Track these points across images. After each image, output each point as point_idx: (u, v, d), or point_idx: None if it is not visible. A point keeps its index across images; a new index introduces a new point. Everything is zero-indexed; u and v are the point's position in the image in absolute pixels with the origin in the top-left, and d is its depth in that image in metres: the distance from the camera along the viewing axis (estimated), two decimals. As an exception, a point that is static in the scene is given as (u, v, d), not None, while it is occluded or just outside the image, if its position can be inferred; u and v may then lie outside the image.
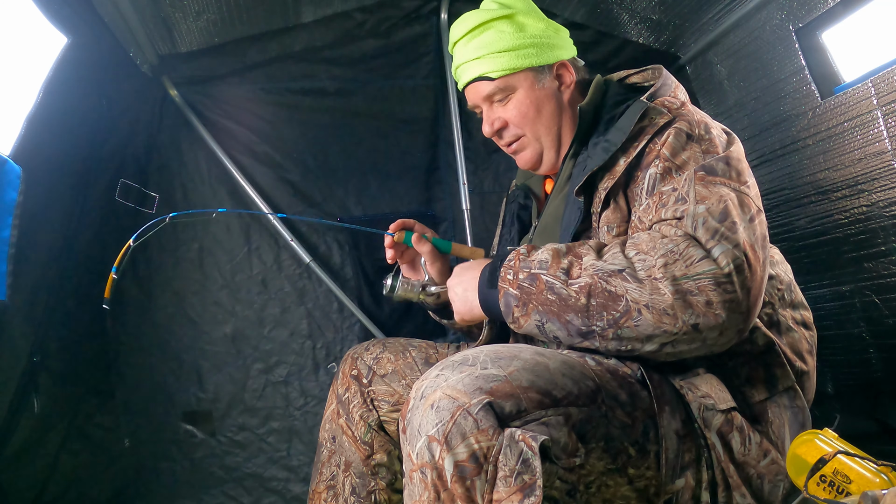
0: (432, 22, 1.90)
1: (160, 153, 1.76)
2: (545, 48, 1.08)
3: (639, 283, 0.77)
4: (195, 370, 1.78)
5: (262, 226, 1.87)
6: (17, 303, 1.27)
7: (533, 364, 0.76)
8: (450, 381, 0.71)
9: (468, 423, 0.67)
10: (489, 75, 1.06)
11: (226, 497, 1.75)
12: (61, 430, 1.50)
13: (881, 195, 1.41)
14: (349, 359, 1.21)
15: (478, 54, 1.06)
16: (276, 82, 1.84)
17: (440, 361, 0.79)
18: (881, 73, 1.35)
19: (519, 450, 0.67)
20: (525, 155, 1.11)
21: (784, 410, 0.91)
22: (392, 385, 1.16)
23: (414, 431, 0.71)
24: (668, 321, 0.76)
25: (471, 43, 1.07)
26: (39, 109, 1.28)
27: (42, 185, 1.31)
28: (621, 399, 0.80)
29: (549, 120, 1.08)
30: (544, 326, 0.84)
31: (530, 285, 0.85)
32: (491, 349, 0.79)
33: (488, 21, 1.06)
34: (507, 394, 0.71)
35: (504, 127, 1.09)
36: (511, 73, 1.06)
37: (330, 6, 1.75)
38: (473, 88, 1.09)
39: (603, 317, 0.79)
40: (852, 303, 1.54)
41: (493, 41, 1.05)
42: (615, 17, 1.86)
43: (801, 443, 1.01)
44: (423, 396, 0.72)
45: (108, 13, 1.43)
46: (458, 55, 1.10)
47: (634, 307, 0.77)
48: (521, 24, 1.07)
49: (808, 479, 0.90)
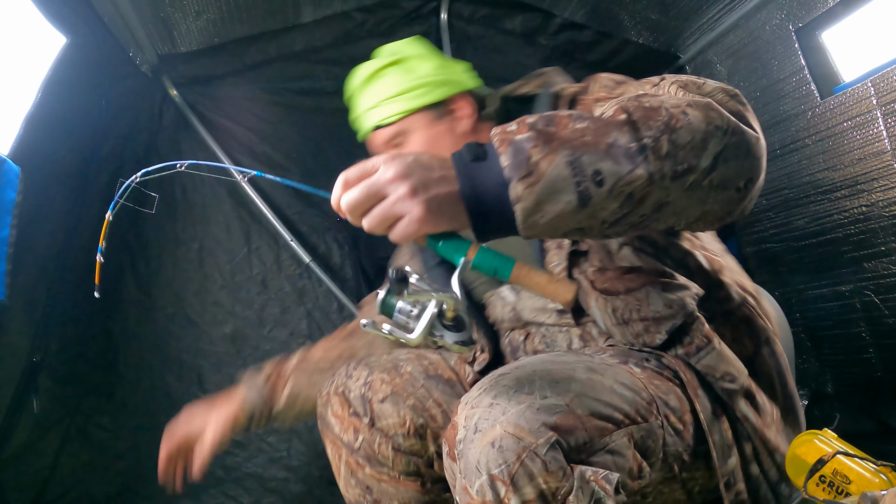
0: (432, 22, 1.90)
1: (160, 153, 1.76)
2: (436, 86, 1.07)
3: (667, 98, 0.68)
4: (195, 370, 1.77)
5: (261, 226, 1.87)
6: (17, 303, 1.27)
7: (590, 385, 0.72)
8: (509, 416, 0.65)
9: (536, 464, 0.63)
10: (383, 122, 1.06)
11: (225, 497, 1.74)
12: (61, 431, 1.50)
13: (881, 195, 1.41)
14: (336, 396, 0.99)
15: (371, 104, 1.07)
16: (276, 82, 1.84)
17: (484, 380, 0.73)
18: (881, 72, 1.35)
19: (591, 490, 0.64)
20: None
21: (768, 360, 0.93)
22: (397, 409, 0.96)
23: (471, 466, 0.66)
24: (714, 115, 0.66)
25: (364, 94, 1.09)
26: (38, 109, 1.28)
27: (41, 185, 1.31)
28: (672, 404, 0.80)
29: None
30: (580, 161, 0.61)
31: (547, 125, 0.63)
32: (542, 368, 0.73)
33: (378, 70, 1.07)
34: (572, 427, 0.67)
35: None
36: (404, 117, 1.05)
37: (330, 6, 1.75)
38: (372, 138, 1.10)
39: (650, 126, 0.63)
40: (852, 303, 1.54)
41: (383, 89, 1.06)
42: (615, 17, 1.86)
43: (800, 443, 1.01)
44: (478, 430, 0.66)
45: (107, 13, 1.43)
46: (357, 106, 1.10)
47: (677, 110, 0.65)
48: (410, 68, 1.07)
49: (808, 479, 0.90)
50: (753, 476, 0.86)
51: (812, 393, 1.70)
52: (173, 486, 1.10)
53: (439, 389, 1.00)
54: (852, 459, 0.88)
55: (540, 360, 0.78)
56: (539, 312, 0.99)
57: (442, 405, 0.98)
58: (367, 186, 0.63)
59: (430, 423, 0.96)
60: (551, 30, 1.91)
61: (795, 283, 1.69)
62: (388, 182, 0.62)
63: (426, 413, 0.96)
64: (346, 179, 0.65)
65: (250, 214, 1.86)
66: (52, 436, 1.47)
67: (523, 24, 1.90)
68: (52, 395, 1.43)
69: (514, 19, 1.89)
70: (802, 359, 1.71)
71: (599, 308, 0.91)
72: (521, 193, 0.60)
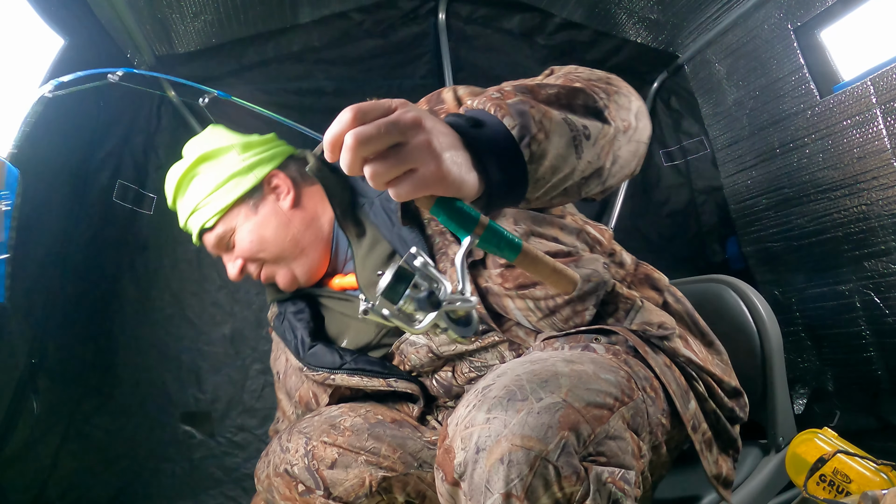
0: (430, 22, 1.90)
1: (158, 154, 1.76)
2: (245, 172, 1.04)
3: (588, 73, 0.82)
4: (194, 371, 1.77)
5: (260, 226, 1.87)
6: (16, 305, 1.26)
7: (576, 376, 0.70)
8: (511, 428, 0.62)
9: (550, 472, 0.61)
10: (206, 226, 1.05)
11: (225, 498, 1.74)
12: (60, 431, 1.50)
13: (880, 194, 1.41)
14: (278, 478, 0.90)
15: (189, 209, 1.05)
16: (273, 83, 1.84)
17: (469, 397, 0.69)
18: (880, 71, 1.34)
19: (608, 492, 0.63)
20: (280, 279, 1.06)
21: (675, 305, 0.96)
22: (351, 471, 0.87)
23: (479, 488, 0.62)
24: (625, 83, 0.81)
25: (181, 201, 1.07)
26: (36, 111, 1.27)
27: (39, 187, 1.31)
28: (641, 374, 0.79)
29: (280, 237, 1.04)
30: (570, 119, 0.67)
31: (525, 92, 0.67)
32: (525, 370, 0.70)
33: (186, 171, 1.05)
34: (574, 423, 0.64)
35: (244, 265, 1.06)
36: (223, 215, 1.04)
37: (327, 6, 1.75)
38: (205, 240, 1.08)
39: (599, 91, 0.74)
40: (852, 301, 1.54)
41: (196, 191, 1.04)
42: (613, 17, 1.85)
43: (800, 442, 1.01)
44: (480, 449, 0.63)
45: (104, 15, 1.42)
46: (180, 212, 1.09)
47: (607, 80, 0.78)
48: (217, 161, 1.05)
49: (808, 478, 0.90)
50: (710, 412, 0.87)
51: (812, 391, 1.70)
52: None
53: (388, 435, 0.92)
54: (853, 458, 0.88)
55: (518, 364, 0.75)
56: (457, 343, 0.94)
57: (397, 451, 0.90)
58: (387, 123, 0.54)
59: (390, 473, 0.88)
60: (549, 29, 1.90)
61: (795, 282, 1.69)
62: (409, 125, 0.55)
63: (383, 464, 0.89)
64: (359, 110, 0.56)
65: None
66: (52, 436, 1.47)
67: (521, 23, 1.89)
68: (51, 395, 1.43)
69: (513, 19, 1.89)
70: (802, 357, 1.71)
71: (520, 308, 0.88)
72: (535, 150, 0.62)
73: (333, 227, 1.08)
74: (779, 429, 1.12)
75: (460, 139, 0.60)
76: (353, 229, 1.02)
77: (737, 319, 1.20)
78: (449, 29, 1.90)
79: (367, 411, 0.96)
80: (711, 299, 1.24)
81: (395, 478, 0.88)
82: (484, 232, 0.58)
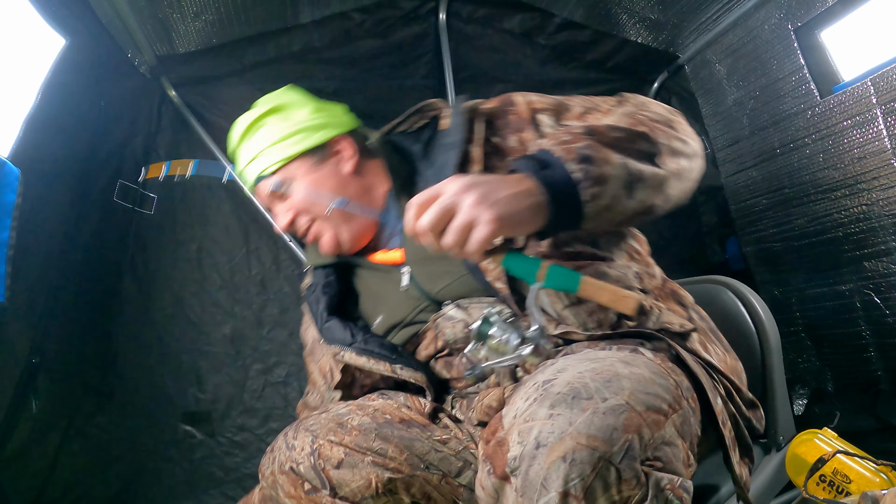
0: (430, 22, 1.90)
1: (159, 154, 1.76)
2: (313, 130, 1.08)
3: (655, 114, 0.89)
4: (194, 371, 1.77)
5: (260, 227, 1.87)
6: (16, 304, 1.27)
7: (636, 379, 0.70)
8: (577, 426, 0.62)
9: (611, 475, 0.60)
10: (265, 173, 1.06)
11: (225, 498, 1.74)
12: (60, 431, 1.50)
13: (881, 194, 1.41)
14: (283, 475, 0.89)
15: (253, 154, 1.07)
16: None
17: (528, 390, 0.69)
18: (880, 71, 1.35)
19: (665, 498, 0.63)
20: (325, 240, 1.09)
21: (699, 322, 0.98)
22: (357, 472, 0.86)
23: (534, 485, 0.61)
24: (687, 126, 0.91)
25: (245, 146, 1.09)
26: (38, 111, 1.28)
27: (40, 187, 1.31)
28: (685, 384, 0.80)
29: (342, 195, 1.06)
30: (627, 164, 0.77)
31: (592, 135, 0.78)
32: (586, 368, 0.70)
33: (255, 121, 1.08)
34: (637, 426, 0.64)
35: (295, 218, 1.09)
36: (285, 164, 1.06)
37: (328, 7, 1.75)
38: (258, 190, 1.10)
39: (659, 136, 0.84)
40: (852, 302, 1.54)
41: (262, 139, 1.07)
42: (613, 17, 1.85)
43: (800, 442, 1.01)
44: (541, 444, 0.62)
45: (105, 14, 1.43)
46: (241, 156, 1.10)
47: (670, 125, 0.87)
48: (287, 115, 1.09)
49: (808, 478, 0.90)
50: (731, 414, 0.88)
51: (812, 391, 1.70)
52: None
53: (396, 436, 0.91)
54: (852, 458, 0.88)
55: (577, 361, 0.75)
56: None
57: (404, 452, 0.89)
58: (439, 205, 0.70)
59: (396, 475, 0.87)
60: (550, 29, 1.91)
61: (795, 283, 1.69)
62: (456, 195, 0.70)
63: (390, 466, 0.87)
64: (418, 204, 0.71)
65: (249, 215, 1.86)
66: (52, 436, 1.47)
67: (522, 23, 1.89)
68: (51, 395, 1.43)
69: (513, 19, 1.89)
70: (803, 358, 1.71)
71: (548, 293, 0.90)
72: (594, 191, 0.74)
73: (385, 202, 1.11)
74: (779, 429, 1.12)
75: (525, 179, 0.74)
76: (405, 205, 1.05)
77: (735, 320, 1.19)
78: (449, 29, 1.90)
79: (375, 410, 0.95)
80: (709, 300, 1.24)
81: (400, 479, 0.88)
82: (547, 276, 0.74)
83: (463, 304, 0.98)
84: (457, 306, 0.99)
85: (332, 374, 1.10)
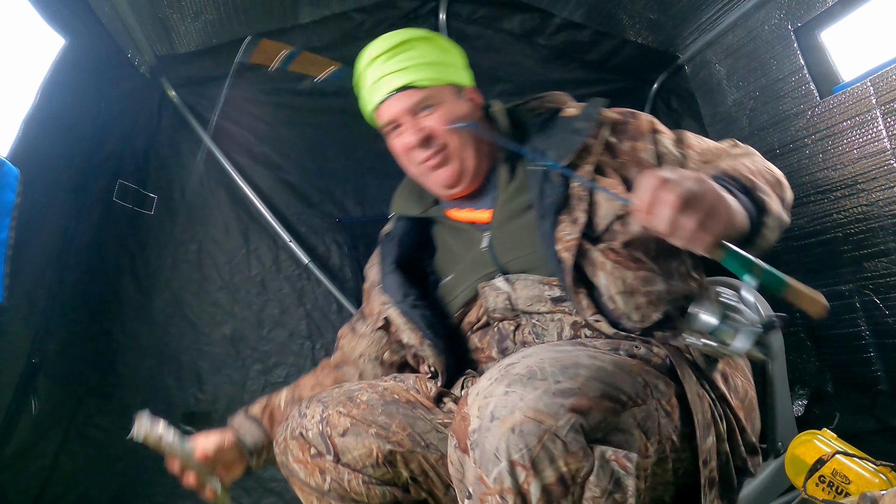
0: (430, 23, 1.90)
1: (158, 154, 1.76)
2: (462, 70, 1.12)
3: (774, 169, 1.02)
4: (194, 371, 1.77)
5: (260, 227, 1.87)
6: (16, 304, 1.27)
7: (595, 369, 0.75)
8: (527, 401, 0.67)
9: (557, 446, 0.65)
10: (416, 84, 1.04)
11: (225, 498, 1.74)
12: (60, 431, 1.50)
13: (880, 194, 1.41)
14: (293, 441, 0.94)
15: (403, 66, 1.05)
16: (274, 83, 1.84)
17: (492, 371, 0.74)
18: (880, 72, 1.35)
19: (611, 469, 0.67)
20: (446, 171, 1.08)
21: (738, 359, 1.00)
22: (361, 441, 0.92)
23: (488, 455, 0.67)
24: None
25: (394, 58, 1.06)
26: (37, 111, 1.28)
27: (40, 187, 1.31)
28: (661, 388, 0.83)
29: (470, 136, 1.07)
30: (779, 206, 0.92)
31: (759, 178, 0.92)
32: (549, 356, 0.76)
33: (411, 39, 1.07)
34: (587, 408, 0.69)
35: (430, 138, 1.06)
36: (437, 85, 1.06)
37: (328, 7, 1.75)
38: (397, 99, 1.06)
39: (785, 189, 0.97)
40: (852, 302, 1.54)
41: (419, 55, 1.06)
42: (614, 17, 1.85)
43: (799, 443, 1.01)
44: (495, 417, 0.68)
45: (105, 14, 1.43)
46: (377, 71, 1.07)
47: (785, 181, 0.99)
48: (439, 46, 1.11)
49: (807, 479, 0.90)
50: (722, 453, 0.89)
51: (812, 392, 1.70)
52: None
53: (400, 413, 0.96)
54: (852, 459, 0.88)
55: (543, 349, 0.80)
56: (534, 301, 0.99)
57: (406, 429, 0.95)
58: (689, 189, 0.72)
59: (397, 448, 0.92)
60: (550, 30, 1.90)
61: (795, 283, 1.68)
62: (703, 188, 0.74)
63: (392, 439, 0.93)
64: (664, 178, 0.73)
65: (249, 215, 1.86)
66: (52, 436, 1.47)
67: (522, 24, 1.89)
68: (51, 396, 1.43)
69: (513, 19, 1.89)
70: (802, 358, 1.71)
71: (608, 273, 0.94)
72: (767, 222, 0.87)
73: (490, 164, 1.12)
74: (778, 433, 1.12)
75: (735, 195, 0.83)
76: (506, 172, 1.09)
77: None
78: (449, 29, 1.90)
79: (384, 389, 1.00)
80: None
81: (401, 453, 0.93)
82: (762, 275, 0.80)
83: (512, 278, 1.02)
84: (506, 280, 1.02)
85: (377, 318, 1.16)
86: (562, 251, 0.94)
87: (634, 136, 1.03)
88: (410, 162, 1.09)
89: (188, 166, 1.81)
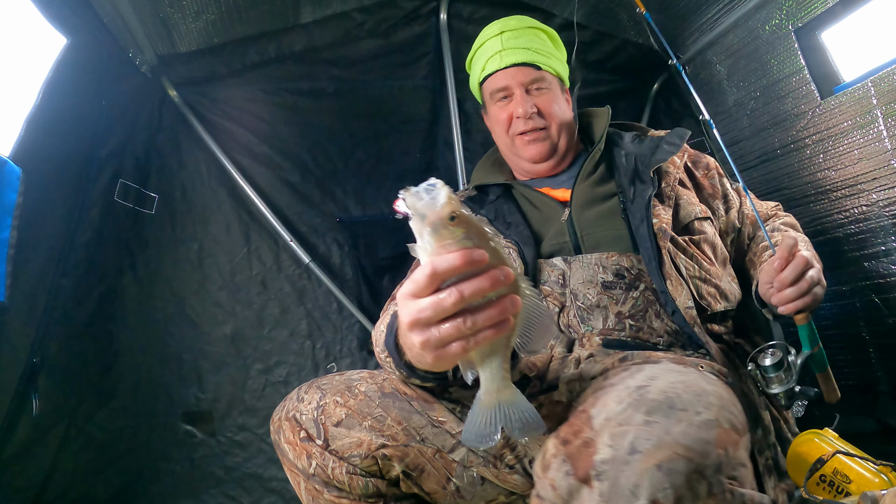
0: (431, 22, 1.90)
1: (159, 154, 1.76)
2: (567, 73, 1.31)
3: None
4: (195, 370, 1.77)
5: (261, 226, 1.87)
6: (17, 304, 1.27)
7: (719, 396, 0.71)
8: (674, 435, 0.62)
9: (702, 487, 0.61)
10: (538, 64, 1.22)
11: (225, 497, 1.74)
12: (61, 431, 1.50)
13: (881, 195, 1.41)
14: (287, 422, 0.95)
15: (532, 46, 1.23)
16: (275, 83, 1.84)
17: (619, 393, 0.70)
18: (881, 72, 1.35)
19: None
20: (543, 145, 1.24)
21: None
22: (353, 432, 0.92)
23: (622, 491, 0.61)
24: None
25: (524, 36, 1.24)
26: (39, 110, 1.28)
27: (42, 186, 1.31)
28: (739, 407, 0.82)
29: (567, 124, 1.26)
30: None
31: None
32: (677, 379, 0.72)
33: (542, 29, 1.29)
34: (725, 442, 0.64)
35: (537, 113, 1.23)
36: (552, 74, 1.25)
37: (329, 7, 1.75)
38: (520, 70, 1.22)
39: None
40: (852, 303, 1.54)
41: (545, 43, 1.26)
42: (614, 18, 1.86)
43: (800, 442, 1.01)
44: (636, 450, 0.62)
45: (107, 14, 1.43)
46: (505, 42, 1.24)
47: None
48: (562, 48, 1.32)
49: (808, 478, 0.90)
50: (770, 445, 0.94)
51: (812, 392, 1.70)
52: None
53: (396, 407, 0.95)
54: (852, 459, 0.88)
55: (661, 370, 0.77)
56: (586, 284, 1.06)
57: (402, 423, 0.94)
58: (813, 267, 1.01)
59: (390, 442, 0.92)
60: (550, 30, 1.91)
61: (795, 283, 1.69)
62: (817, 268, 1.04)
63: (386, 433, 0.92)
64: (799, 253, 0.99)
65: (250, 215, 1.86)
66: (52, 436, 1.47)
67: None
68: (51, 395, 1.43)
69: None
70: (802, 358, 1.71)
71: (688, 259, 1.07)
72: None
73: (576, 154, 1.32)
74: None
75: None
76: (591, 163, 1.22)
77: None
78: (450, 29, 1.91)
79: (384, 380, 0.99)
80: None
81: (394, 447, 0.92)
82: (817, 352, 1.06)
83: (570, 259, 1.09)
84: (563, 259, 1.09)
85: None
86: (657, 225, 1.07)
87: (707, 169, 1.26)
88: (509, 130, 1.25)
89: (189, 166, 1.81)
